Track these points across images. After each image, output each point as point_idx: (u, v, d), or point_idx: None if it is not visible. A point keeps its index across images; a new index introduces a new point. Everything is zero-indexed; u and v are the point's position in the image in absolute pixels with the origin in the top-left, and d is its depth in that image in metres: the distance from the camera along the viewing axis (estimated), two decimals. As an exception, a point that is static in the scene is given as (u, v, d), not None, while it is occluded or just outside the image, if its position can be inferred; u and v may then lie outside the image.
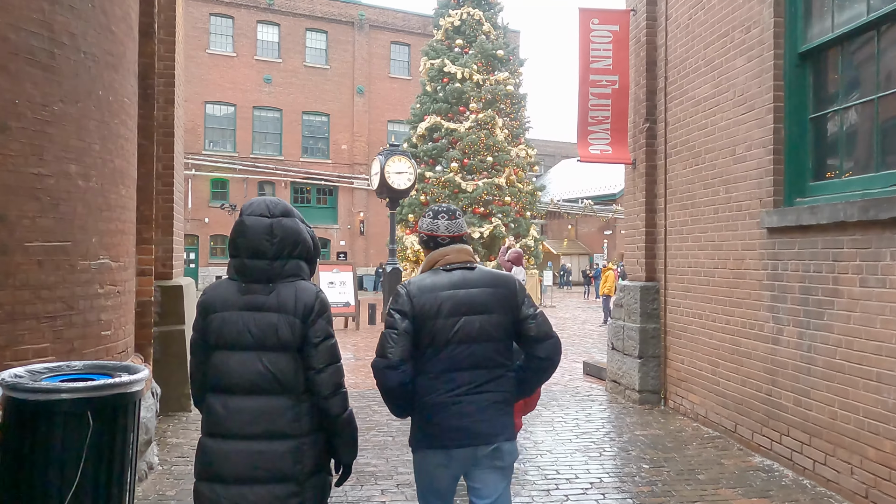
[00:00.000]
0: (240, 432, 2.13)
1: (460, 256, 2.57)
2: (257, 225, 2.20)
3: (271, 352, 2.15)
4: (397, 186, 15.93)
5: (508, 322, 2.51)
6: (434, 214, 2.64)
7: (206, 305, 2.25)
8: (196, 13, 30.97)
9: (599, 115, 6.78)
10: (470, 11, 24.20)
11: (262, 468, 2.11)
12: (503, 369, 2.50)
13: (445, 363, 2.43)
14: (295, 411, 2.16)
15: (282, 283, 2.21)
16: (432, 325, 2.42)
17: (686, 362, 5.95)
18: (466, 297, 2.46)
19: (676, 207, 6.11)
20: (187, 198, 30.66)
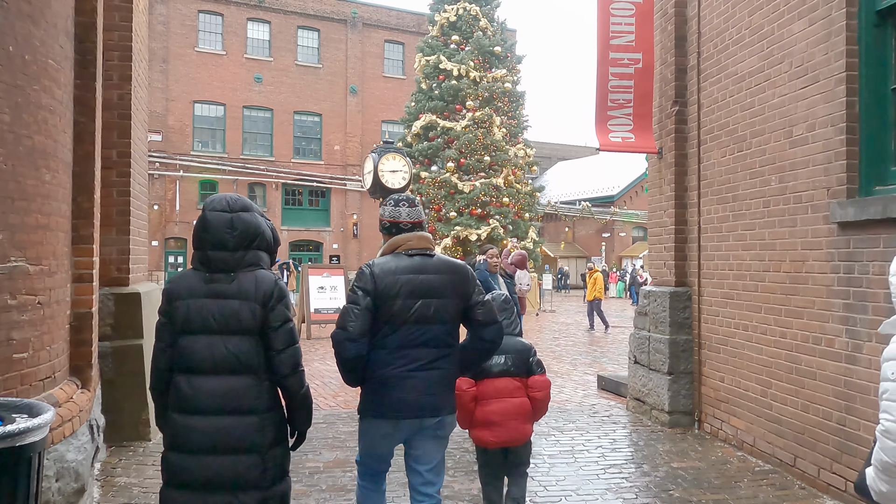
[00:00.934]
0: (205, 409, 2.29)
1: (421, 243, 2.76)
2: (218, 219, 2.36)
3: (234, 335, 2.32)
4: (392, 186, 15.04)
5: (460, 307, 2.74)
6: (396, 202, 2.83)
7: (171, 293, 2.39)
8: (184, 10, 30.11)
9: (620, 98, 5.98)
10: (466, 6, 23.42)
11: (227, 441, 2.27)
12: (451, 349, 2.74)
13: (401, 340, 2.64)
14: (257, 389, 2.33)
15: (242, 272, 2.37)
16: (391, 304, 2.62)
17: (727, 380, 5.14)
18: (425, 282, 2.66)
19: (713, 201, 5.30)
20: (175, 200, 29.76)
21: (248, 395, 2.32)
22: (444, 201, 22.32)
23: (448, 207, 22.21)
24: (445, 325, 2.71)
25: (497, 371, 3.26)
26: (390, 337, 2.65)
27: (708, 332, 5.40)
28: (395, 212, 2.82)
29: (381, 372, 2.64)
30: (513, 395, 3.27)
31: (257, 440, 2.31)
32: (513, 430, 3.26)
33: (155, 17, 29.71)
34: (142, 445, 4.95)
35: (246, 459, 2.29)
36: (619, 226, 41.58)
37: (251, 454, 2.30)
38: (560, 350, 11.63)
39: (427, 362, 2.66)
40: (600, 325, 15.63)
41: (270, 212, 31.61)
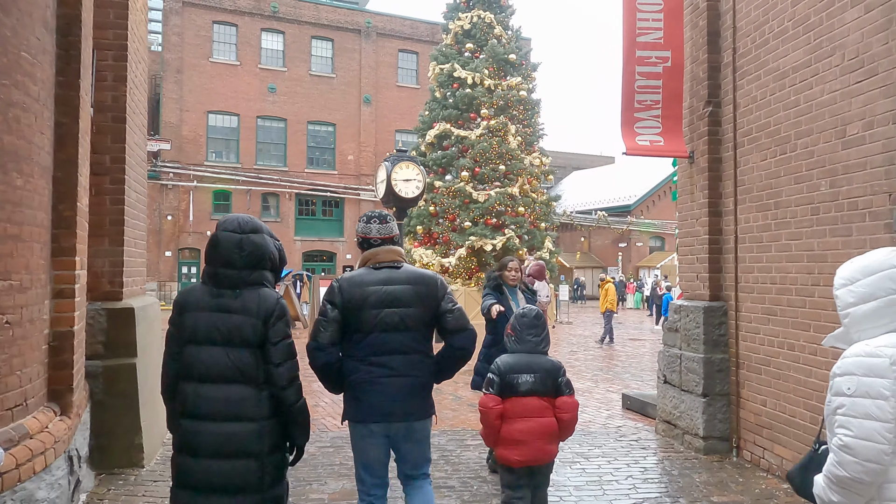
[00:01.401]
0: (209, 415, 2.44)
1: (389, 256, 2.91)
2: (229, 240, 2.52)
3: (236, 348, 2.47)
4: (405, 195, 14.73)
5: (428, 315, 2.86)
6: (367, 219, 3.00)
7: (181, 305, 2.54)
8: (199, 21, 30.17)
9: (648, 100, 5.59)
10: (481, 14, 23.15)
11: (228, 446, 2.41)
12: (420, 355, 2.86)
13: (370, 348, 2.79)
14: (256, 398, 2.47)
15: (247, 289, 2.51)
16: (359, 314, 2.78)
17: (769, 404, 4.69)
18: (391, 292, 2.81)
19: (752, 209, 4.88)
20: (188, 210, 29.69)
21: (248, 403, 2.46)
22: (459, 211, 21.95)
23: (462, 217, 21.85)
24: (412, 332, 2.85)
25: (524, 390, 3.18)
26: (360, 345, 2.83)
27: (747, 351, 4.95)
28: (367, 228, 3.01)
29: (353, 378, 2.84)
30: (540, 414, 3.19)
31: (256, 446, 2.45)
32: (538, 450, 3.19)
33: (170, 28, 29.83)
34: (133, 473, 4.58)
35: (245, 464, 2.43)
36: (635, 236, 40.99)
37: (250, 459, 2.44)
38: (579, 364, 11.17)
39: (396, 369, 2.81)
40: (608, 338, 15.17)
41: (284, 222, 31.47)
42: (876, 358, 1.74)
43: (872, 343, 1.78)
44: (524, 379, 3.17)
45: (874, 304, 1.80)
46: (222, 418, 2.43)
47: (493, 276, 5.15)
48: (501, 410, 3.17)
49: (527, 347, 3.27)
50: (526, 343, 3.27)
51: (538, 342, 3.28)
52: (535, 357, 3.25)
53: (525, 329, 3.31)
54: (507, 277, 5.06)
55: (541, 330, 3.33)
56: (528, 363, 3.21)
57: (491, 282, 5.10)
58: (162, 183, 29.42)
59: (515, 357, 3.27)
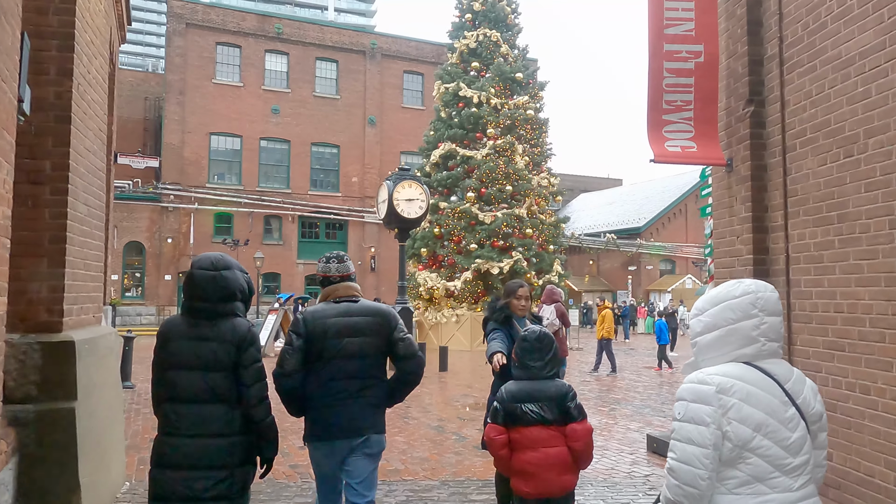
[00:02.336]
0: (186, 432, 2.72)
1: (347, 291, 3.29)
2: (204, 277, 2.83)
3: (212, 371, 2.76)
4: (407, 215, 14.06)
5: (382, 344, 3.18)
6: (327, 260, 3.38)
7: (163, 334, 2.86)
8: (202, 42, 29.96)
9: (678, 100, 4.87)
10: (486, 33, 22.69)
11: (203, 458, 2.69)
12: (375, 380, 3.19)
13: (330, 374, 3.11)
14: (228, 416, 2.76)
15: (221, 319, 2.82)
16: (321, 344, 3.11)
17: (837, 458, 3.88)
18: (349, 323, 3.16)
19: (808, 223, 4.13)
20: (189, 233, 29.13)
21: (221, 420, 2.72)
22: (465, 233, 21.25)
23: (468, 239, 21.13)
24: (368, 359, 3.14)
25: (528, 419, 3.02)
26: (322, 371, 3.10)
27: (805, 393, 4.16)
28: (326, 268, 3.34)
29: (316, 401, 3.11)
30: (548, 444, 3.01)
31: (227, 459, 2.71)
32: (551, 483, 3.01)
33: (173, 50, 29.60)
34: (69, 541, 3.82)
35: (217, 474, 2.68)
36: (645, 259, 40.13)
37: (222, 470, 2.69)
38: (593, 396, 10.32)
39: (353, 392, 3.09)
40: (606, 366, 14.18)
41: (286, 244, 30.88)
42: (704, 385, 1.80)
43: (707, 370, 1.85)
44: (527, 408, 3.02)
45: (716, 334, 1.88)
46: (198, 434, 2.69)
47: (500, 307, 4.27)
48: (506, 441, 3.04)
49: (530, 374, 3.10)
50: (528, 369, 3.11)
51: (542, 367, 3.10)
52: (540, 384, 3.08)
53: (526, 354, 3.15)
54: (515, 307, 4.23)
55: (544, 353, 3.13)
56: (531, 391, 3.05)
57: (497, 313, 4.23)
58: (163, 205, 28.93)
59: (518, 385, 3.12)
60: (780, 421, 1.78)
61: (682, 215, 41.40)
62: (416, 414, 8.56)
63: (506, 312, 4.17)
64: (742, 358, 1.86)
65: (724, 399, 1.76)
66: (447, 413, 8.70)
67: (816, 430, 1.90)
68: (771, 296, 1.90)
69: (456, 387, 11.42)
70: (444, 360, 13.95)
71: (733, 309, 1.86)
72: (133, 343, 10.67)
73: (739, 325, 1.86)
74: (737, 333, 1.86)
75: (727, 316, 1.87)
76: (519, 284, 4.33)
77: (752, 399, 1.77)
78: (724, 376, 1.80)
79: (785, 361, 1.97)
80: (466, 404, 9.39)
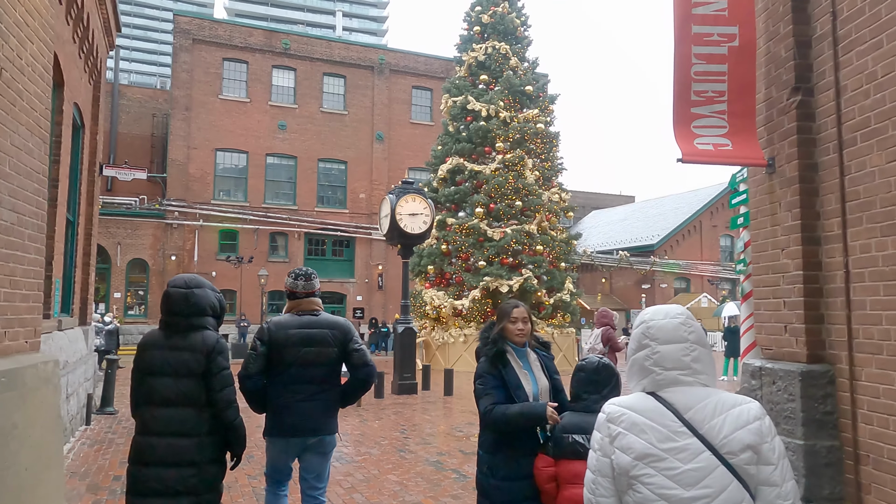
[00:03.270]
0: (160, 432, 2.99)
1: (309, 305, 3.66)
2: (177, 294, 3.14)
3: (184, 378, 3.04)
4: (411, 231, 13.41)
5: (338, 353, 3.60)
6: (295, 277, 3.74)
7: (142, 346, 3.16)
8: (209, 58, 29.72)
9: (709, 90, 4.18)
10: (496, 45, 22.18)
11: (174, 456, 2.96)
12: (329, 385, 3.59)
13: (289, 378, 3.51)
14: (198, 418, 3.04)
15: (193, 332, 3.12)
16: (282, 351, 3.50)
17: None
18: (309, 334, 3.55)
19: (876, 231, 3.40)
20: (193, 250, 28.65)
21: (191, 422, 3.03)
22: (473, 249, 20.56)
23: (477, 256, 20.44)
24: (325, 366, 3.58)
25: (572, 452, 2.83)
26: (283, 374, 3.53)
27: (874, 439, 3.40)
28: (294, 284, 3.73)
29: (276, 401, 3.53)
30: None
31: (196, 457, 3.00)
32: None
33: (179, 65, 29.36)
34: None
35: (187, 470, 2.97)
36: (659, 276, 39.19)
37: (191, 467, 2.98)
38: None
39: (310, 395, 3.52)
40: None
41: (292, 262, 30.32)
42: (602, 413, 1.90)
43: (610, 400, 1.94)
44: (574, 439, 2.83)
45: (628, 365, 1.96)
46: (169, 434, 2.97)
47: (493, 337, 3.22)
48: (553, 474, 2.90)
49: (583, 406, 2.91)
50: (582, 401, 2.93)
51: (598, 400, 2.77)
52: (592, 416, 2.59)
53: (582, 386, 2.95)
54: (511, 333, 3.20)
55: (602, 386, 2.92)
56: (581, 423, 2.84)
57: (488, 346, 3.20)
58: (167, 222, 28.50)
59: (569, 416, 2.94)
60: (666, 450, 1.75)
61: (697, 232, 40.53)
62: (413, 446, 7.81)
63: (499, 346, 3.16)
64: (646, 388, 1.87)
65: (611, 427, 1.84)
66: (448, 445, 7.95)
67: (745, 462, 1.73)
68: (667, 323, 1.87)
69: (461, 414, 10.65)
70: (450, 383, 13.19)
71: (633, 339, 1.93)
72: (115, 365, 10.02)
73: (636, 356, 1.91)
74: (635, 364, 1.91)
75: (631, 346, 1.94)
76: (513, 305, 3.33)
77: (635, 428, 1.79)
78: (618, 405, 1.86)
79: (701, 388, 1.84)
80: (470, 434, 8.63)
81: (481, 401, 3.13)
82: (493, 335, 3.22)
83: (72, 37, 7.76)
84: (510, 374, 3.13)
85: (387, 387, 12.97)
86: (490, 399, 3.08)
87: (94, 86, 9.88)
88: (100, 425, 8.92)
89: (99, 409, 9.94)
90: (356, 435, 8.56)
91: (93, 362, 9.80)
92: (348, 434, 8.57)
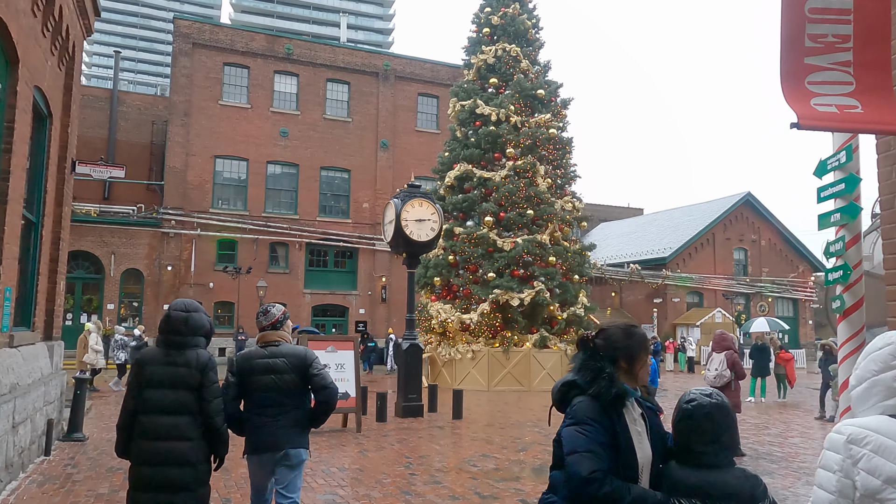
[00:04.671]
0: (159, 436, 3.43)
1: (271, 337, 4.10)
2: (178, 317, 3.63)
3: (180, 390, 3.51)
4: (417, 238, 12.31)
5: (299, 379, 3.99)
6: (258, 314, 4.23)
7: (140, 362, 3.60)
8: (209, 63, 28.89)
9: (829, 35, 3.13)
10: (506, 47, 21.21)
11: (173, 457, 3.42)
12: (291, 407, 3.97)
13: (258, 402, 3.95)
14: (193, 424, 3.51)
15: (189, 350, 3.59)
16: (249, 379, 3.95)
17: None
18: (272, 363, 3.98)
19: None
20: (190, 260, 27.63)
21: (187, 428, 3.48)
22: (482, 260, 19.45)
23: (486, 267, 19.32)
24: (285, 391, 3.95)
25: None
26: (252, 400, 3.96)
27: None
28: (257, 321, 4.21)
29: (249, 424, 3.95)
30: None
31: (191, 457, 3.46)
32: None
33: (178, 70, 28.52)
34: None
35: (184, 470, 3.42)
36: (671, 291, 37.99)
37: (187, 467, 3.43)
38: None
39: (273, 416, 3.92)
40: None
41: (293, 273, 29.30)
42: (838, 434, 1.86)
43: (846, 421, 1.91)
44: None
45: (864, 386, 1.93)
46: (168, 438, 3.43)
47: (608, 374, 2.19)
48: None
49: (695, 460, 2.16)
50: (695, 455, 2.16)
51: (715, 452, 2.15)
52: (713, 474, 2.12)
53: (693, 435, 2.18)
54: (639, 374, 2.28)
55: (719, 433, 2.16)
56: (701, 485, 2.11)
57: (603, 383, 2.17)
58: (163, 231, 27.51)
59: (683, 473, 2.17)
60: None
61: (710, 245, 39.38)
62: (421, 486, 6.67)
63: (619, 387, 2.15)
64: (888, 410, 1.86)
65: (853, 449, 1.81)
66: (462, 485, 6.79)
67: None
68: None
69: (472, 442, 9.49)
70: (459, 405, 12.03)
71: (875, 361, 1.92)
72: (85, 386, 8.92)
73: (881, 377, 1.90)
74: (878, 385, 1.90)
75: (871, 368, 1.93)
76: (645, 334, 2.40)
77: (884, 451, 1.78)
78: (860, 427, 1.84)
79: None
80: (486, 469, 7.49)
81: (582, 459, 2.07)
82: (609, 372, 2.16)
83: (31, 9, 6.75)
84: (623, 430, 2.13)
85: (390, 408, 11.82)
86: (596, 461, 2.05)
87: (67, 72, 8.86)
88: (61, 456, 7.80)
89: (66, 434, 8.83)
90: (354, 470, 7.42)
91: (58, 382, 8.68)
92: (312, 451, 7.43)
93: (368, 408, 11.92)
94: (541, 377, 18.63)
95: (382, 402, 11.40)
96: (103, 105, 31.50)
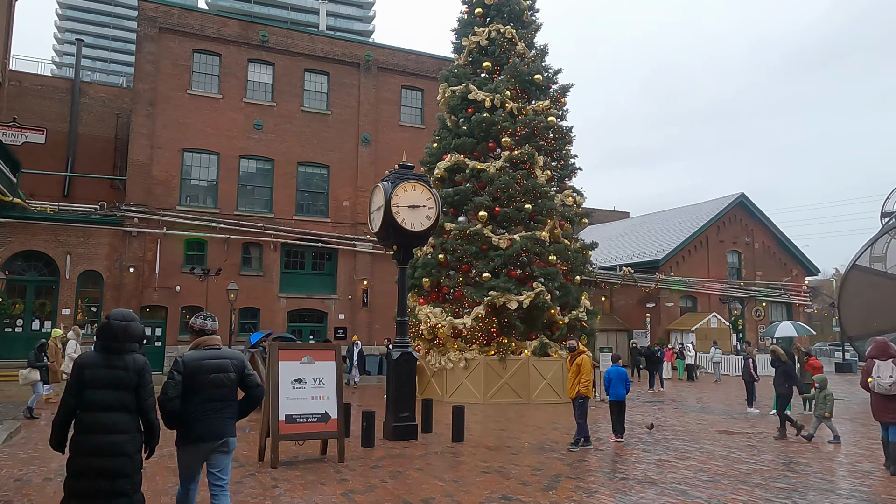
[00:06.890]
0: (100, 431, 3.91)
1: (213, 341, 4.84)
2: (118, 325, 4.12)
3: (120, 390, 4.01)
4: (410, 227, 10.44)
5: (237, 378, 4.76)
6: (205, 318, 4.92)
7: (80, 366, 4.05)
8: (177, 49, 26.78)
9: None
10: (500, 29, 19.51)
11: (112, 449, 3.90)
12: (230, 401, 4.71)
13: (202, 398, 4.59)
14: (129, 420, 4.02)
15: (127, 354, 4.11)
16: (194, 378, 4.59)
17: None
18: (215, 363, 4.69)
19: None
20: (155, 262, 25.42)
21: (125, 423, 3.99)
22: (475, 259, 17.64)
23: (480, 267, 17.50)
24: (226, 388, 4.68)
25: None
26: (196, 396, 4.57)
27: None
28: (204, 323, 4.89)
29: (192, 416, 4.55)
30: None
31: (129, 448, 3.96)
32: None
33: (143, 56, 26.38)
34: None
35: (122, 460, 3.92)
36: (664, 295, 36.54)
37: (125, 457, 3.93)
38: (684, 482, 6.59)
39: (217, 409, 4.62)
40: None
41: (267, 276, 27.22)
42: None
43: None
44: None
45: None
46: (109, 432, 3.91)
47: None
48: None
49: None
50: None
51: None
52: None
53: None
54: None
55: None
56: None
57: None
58: (126, 230, 25.27)
59: None
60: None
61: (703, 248, 38.05)
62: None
63: None
64: None
65: None
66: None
67: None
68: None
69: (484, 477, 7.63)
70: (460, 424, 10.16)
71: None
72: None
73: None
74: None
75: None
76: None
77: None
78: None
79: None
80: None
81: None
82: None
83: None
84: None
85: (378, 428, 9.94)
86: None
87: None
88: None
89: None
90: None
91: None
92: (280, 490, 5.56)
93: (352, 429, 10.02)
94: (541, 388, 16.85)
95: (369, 423, 9.51)
96: (64, 97, 29.22)
